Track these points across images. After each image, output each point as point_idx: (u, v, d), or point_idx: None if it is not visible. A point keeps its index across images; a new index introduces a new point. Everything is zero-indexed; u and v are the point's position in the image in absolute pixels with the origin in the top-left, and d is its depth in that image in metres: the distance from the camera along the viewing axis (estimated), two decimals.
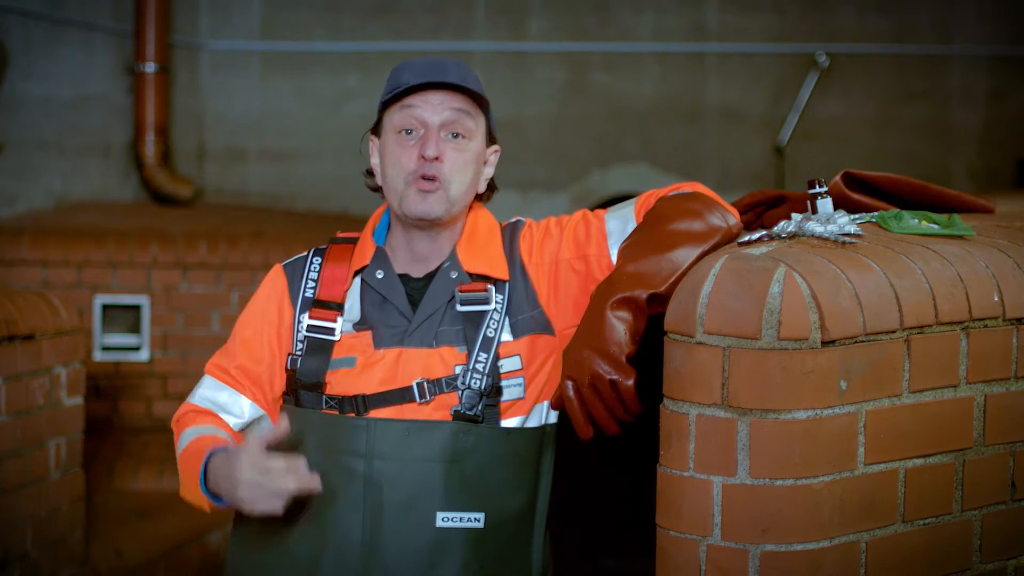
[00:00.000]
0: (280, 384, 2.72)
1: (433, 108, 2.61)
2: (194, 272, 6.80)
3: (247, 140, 8.95)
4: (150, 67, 8.21)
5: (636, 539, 6.38)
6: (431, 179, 2.60)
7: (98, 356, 6.77)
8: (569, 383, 2.39)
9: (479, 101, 2.65)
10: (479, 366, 2.58)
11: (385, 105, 2.68)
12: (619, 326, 2.37)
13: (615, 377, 2.35)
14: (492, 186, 2.76)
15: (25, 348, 4.36)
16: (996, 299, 2.38)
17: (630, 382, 2.35)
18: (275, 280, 2.77)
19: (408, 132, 2.62)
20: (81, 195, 8.00)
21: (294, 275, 2.75)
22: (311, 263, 2.75)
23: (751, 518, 2.15)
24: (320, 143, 8.89)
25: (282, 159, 8.95)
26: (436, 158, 2.60)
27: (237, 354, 2.73)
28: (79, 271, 6.85)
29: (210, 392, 2.74)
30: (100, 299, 6.82)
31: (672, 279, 2.40)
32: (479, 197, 2.74)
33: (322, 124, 8.90)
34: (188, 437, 2.69)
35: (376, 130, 2.73)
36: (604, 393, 2.36)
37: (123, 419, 6.70)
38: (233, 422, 2.72)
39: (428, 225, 2.65)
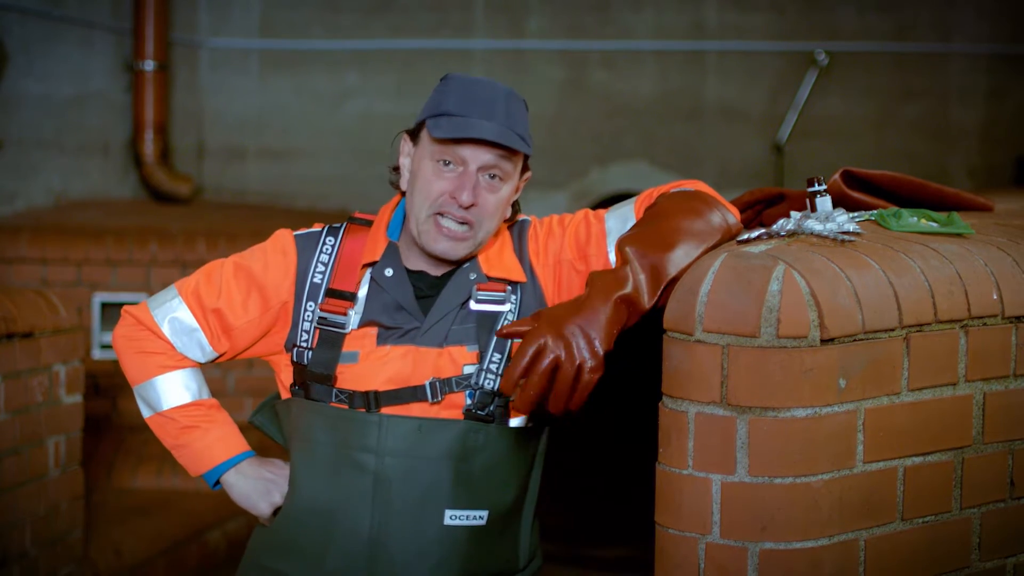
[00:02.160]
0: (244, 343, 2.72)
1: (475, 151, 2.56)
2: (193, 271, 6.79)
3: (246, 138, 8.96)
4: (149, 65, 8.21)
5: (623, 530, 6.39)
6: (463, 223, 2.56)
7: (97, 354, 6.77)
8: (539, 342, 2.32)
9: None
10: (492, 367, 2.58)
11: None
12: (615, 322, 2.35)
13: (588, 364, 2.32)
14: (515, 208, 2.71)
15: (24, 346, 4.36)
16: (995, 297, 2.38)
17: (597, 376, 2.33)
18: (285, 250, 2.70)
19: (447, 163, 2.58)
20: (80, 193, 7.99)
21: (304, 252, 2.69)
22: (323, 243, 2.70)
23: (750, 516, 2.15)
24: (319, 141, 8.90)
25: (281, 157, 8.95)
26: (472, 205, 2.56)
27: (219, 297, 2.71)
28: (78, 269, 6.85)
29: (182, 328, 2.73)
30: (99, 297, 6.82)
31: (670, 279, 2.39)
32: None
33: (321, 122, 8.90)
34: (178, 392, 2.75)
35: (413, 134, 2.66)
36: (564, 373, 2.32)
37: (122, 417, 6.70)
38: (194, 358, 2.76)
39: (445, 262, 2.64)
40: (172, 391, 2.75)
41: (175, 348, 2.73)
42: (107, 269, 6.85)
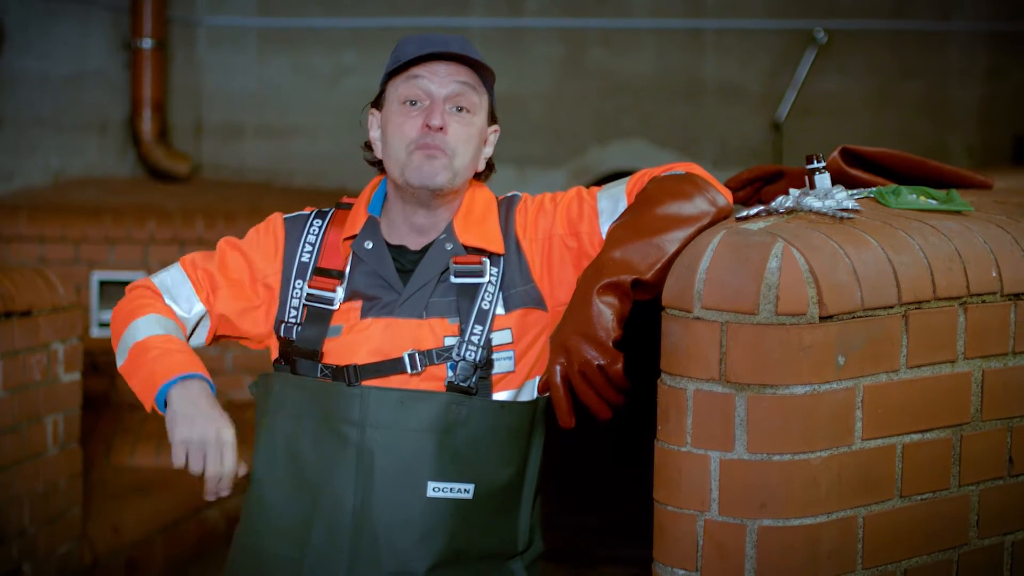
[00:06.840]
0: (225, 306, 2.73)
1: (440, 80, 2.62)
2: (191, 248, 6.76)
3: (244, 116, 8.94)
4: (147, 43, 8.19)
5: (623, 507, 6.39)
6: (436, 147, 2.61)
7: (95, 332, 6.77)
8: (557, 368, 2.36)
9: (484, 77, 2.67)
10: (474, 338, 2.59)
11: (389, 76, 2.68)
12: (606, 311, 2.35)
13: (602, 362, 2.34)
14: (490, 166, 2.76)
15: (22, 324, 4.36)
16: (994, 274, 2.38)
17: (618, 366, 2.34)
18: (275, 231, 2.78)
19: (413, 103, 2.63)
20: (78, 171, 7.98)
21: (292, 232, 2.76)
22: (311, 225, 2.76)
23: (748, 493, 2.15)
24: (317, 119, 8.88)
25: (279, 135, 8.94)
26: (441, 128, 2.60)
27: (211, 261, 2.76)
28: (76, 247, 6.84)
29: (172, 282, 2.75)
30: (97, 275, 6.82)
31: (659, 265, 2.39)
32: (477, 176, 2.74)
33: (319, 100, 8.89)
34: (152, 326, 2.67)
35: (378, 103, 2.73)
36: (593, 379, 2.34)
37: (120, 395, 6.71)
38: (180, 315, 2.74)
39: (429, 196, 2.64)
40: (145, 327, 2.68)
41: (163, 299, 2.74)
42: (105, 247, 6.84)
